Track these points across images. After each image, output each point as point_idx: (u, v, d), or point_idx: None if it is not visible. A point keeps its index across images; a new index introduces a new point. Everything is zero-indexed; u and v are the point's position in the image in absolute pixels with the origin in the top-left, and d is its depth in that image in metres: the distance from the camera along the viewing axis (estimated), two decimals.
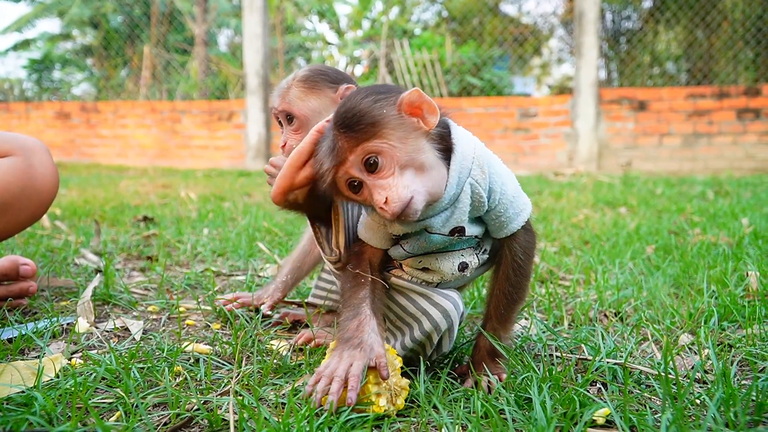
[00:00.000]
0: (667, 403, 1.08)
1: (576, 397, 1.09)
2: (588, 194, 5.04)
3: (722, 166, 7.64)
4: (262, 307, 1.72)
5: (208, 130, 9.42)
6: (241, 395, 1.16)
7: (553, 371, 1.20)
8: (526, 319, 1.72)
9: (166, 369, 1.27)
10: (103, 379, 1.23)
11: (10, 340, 1.47)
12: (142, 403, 1.11)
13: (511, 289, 1.28)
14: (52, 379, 1.22)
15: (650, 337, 1.56)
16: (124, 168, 9.01)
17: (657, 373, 1.26)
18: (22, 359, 1.34)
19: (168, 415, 1.09)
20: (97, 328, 1.63)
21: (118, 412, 1.09)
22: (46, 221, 3.45)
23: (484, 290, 1.92)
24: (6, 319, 1.65)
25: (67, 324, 1.64)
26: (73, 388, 1.13)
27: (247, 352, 1.44)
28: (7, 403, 1.08)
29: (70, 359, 1.34)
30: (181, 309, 1.82)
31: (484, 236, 1.28)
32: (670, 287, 2.03)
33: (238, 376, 1.28)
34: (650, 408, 1.12)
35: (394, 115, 1.10)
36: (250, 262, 2.49)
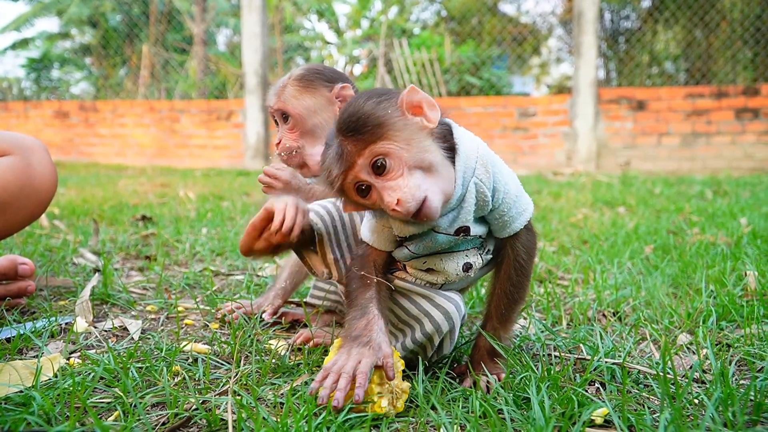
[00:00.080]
0: (666, 403, 1.08)
1: (574, 397, 1.09)
2: (587, 194, 5.04)
3: (721, 166, 7.64)
4: (263, 315, 1.71)
5: (207, 130, 9.41)
6: (239, 395, 1.16)
7: (552, 371, 1.21)
8: (525, 318, 1.72)
9: (165, 369, 1.27)
10: (102, 378, 1.23)
11: (8, 340, 1.47)
12: (141, 403, 1.11)
13: (513, 289, 1.28)
14: (50, 379, 1.21)
15: (649, 336, 1.57)
16: (123, 167, 8.99)
17: (655, 372, 1.26)
18: (21, 359, 1.34)
19: (166, 414, 1.09)
20: (96, 327, 1.63)
21: (117, 411, 1.09)
22: (45, 220, 3.44)
23: (483, 290, 1.92)
24: (4, 319, 1.64)
25: (66, 323, 1.64)
26: (71, 388, 1.13)
27: (245, 352, 1.44)
28: (6, 403, 1.08)
29: (68, 359, 1.34)
30: (180, 308, 1.82)
31: (488, 236, 1.28)
32: (669, 287, 2.04)
33: (237, 375, 1.28)
34: (648, 408, 1.12)
35: (398, 116, 1.10)
36: (248, 261, 2.49)
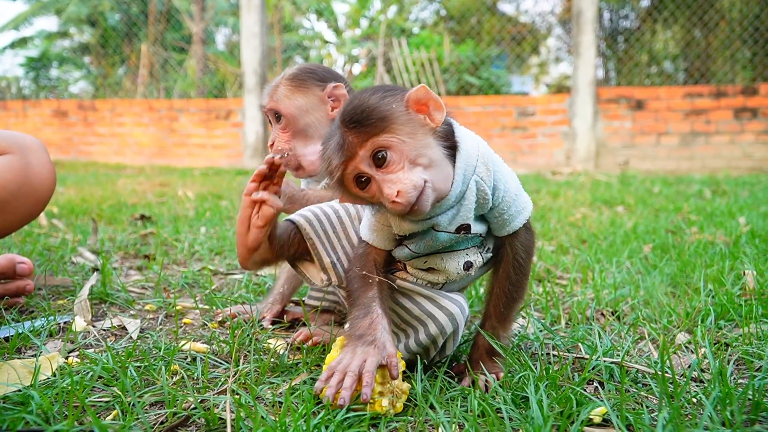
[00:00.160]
0: (664, 402, 1.08)
1: (573, 396, 1.09)
2: (585, 193, 5.05)
3: (719, 165, 7.65)
4: (263, 321, 1.70)
5: (206, 129, 9.40)
6: (238, 394, 1.16)
7: (550, 370, 1.21)
8: (524, 317, 1.73)
9: (163, 368, 1.27)
10: (100, 377, 1.23)
11: (7, 339, 1.47)
12: (139, 402, 1.11)
13: (511, 288, 1.28)
14: (48, 378, 1.21)
15: (647, 335, 1.57)
16: (122, 166, 8.99)
17: (654, 371, 1.26)
18: (19, 358, 1.34)
19: (165, 413, 1.09)
20: (94, 326, 1.63)
21: (115, 410, 1.09)
22: (43, 219, 3.44)
23: (481, 289, 1.92)
24: (3, 318, 1.64)
25: (64, 323, 1.64)
26: (69, 387, 1.13)
27: (244, 351, 1.44)
28: (4, 402, 1.08)
29: (66, 358, 1.34)
30: (178, 307, 1.82)
31: (487, 235, 1.29)
32: (667, 286, 2.04)
33: (235, 374, 1.28)
34: (647, 407, 1.12)
35: (402, 111, 1.11)
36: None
